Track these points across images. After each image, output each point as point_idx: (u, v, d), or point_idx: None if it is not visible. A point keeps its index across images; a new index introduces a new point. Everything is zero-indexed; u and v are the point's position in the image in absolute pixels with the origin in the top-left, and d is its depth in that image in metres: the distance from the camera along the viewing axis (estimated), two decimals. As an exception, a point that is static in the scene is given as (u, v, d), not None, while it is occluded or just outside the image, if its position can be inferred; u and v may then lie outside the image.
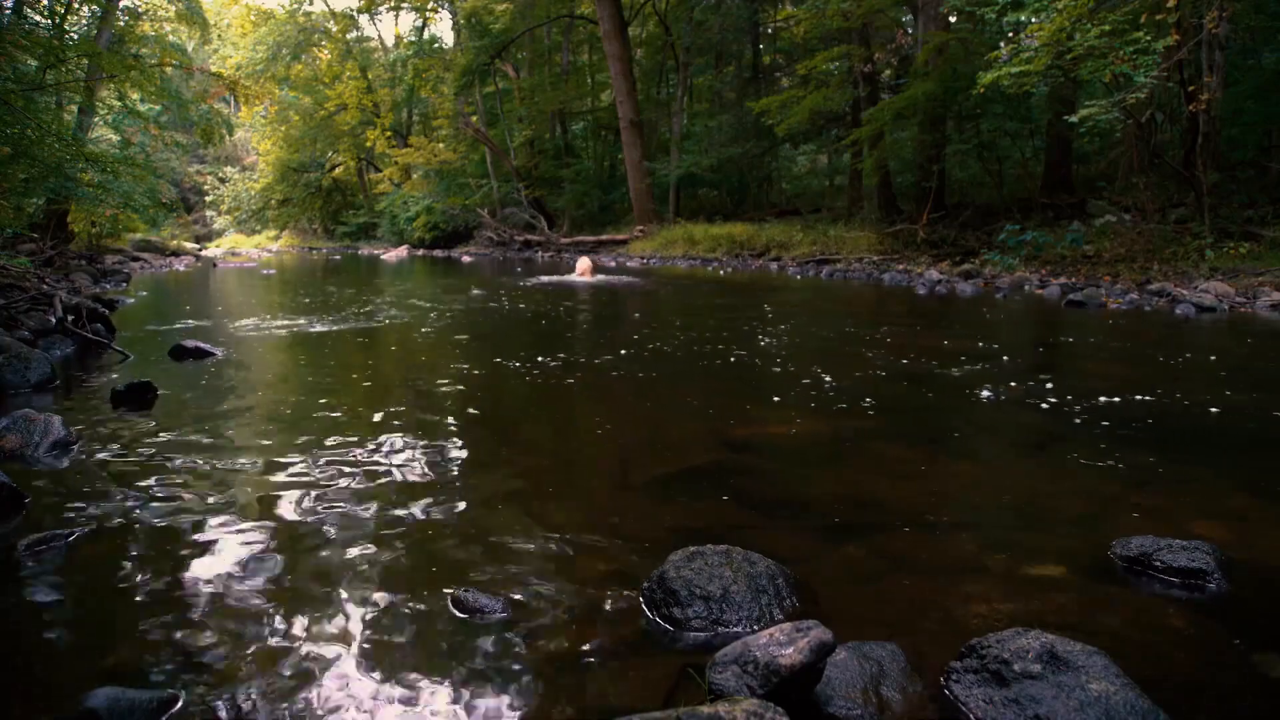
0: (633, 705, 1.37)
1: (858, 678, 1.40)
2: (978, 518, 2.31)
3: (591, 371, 4.66)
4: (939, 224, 13.93)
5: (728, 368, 4.59)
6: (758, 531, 2.16)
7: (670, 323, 6.81)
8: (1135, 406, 3.49)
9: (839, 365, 4.70)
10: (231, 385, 4.28)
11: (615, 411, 3.82)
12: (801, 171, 25.91)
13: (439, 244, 30.29)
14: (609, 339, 5.96)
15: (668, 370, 4.54)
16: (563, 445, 3.25)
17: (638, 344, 5.59)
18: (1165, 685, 1.40)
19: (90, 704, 1.30)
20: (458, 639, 1.61)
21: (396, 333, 6.59)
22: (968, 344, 5.43)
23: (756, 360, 4.86)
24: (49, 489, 2.51)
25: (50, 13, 13.81)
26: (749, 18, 22.22)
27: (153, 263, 19.90)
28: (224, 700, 1.41)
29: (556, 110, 28.32)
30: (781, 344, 5.56)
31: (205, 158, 46.86)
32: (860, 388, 4.11)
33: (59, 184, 12.25)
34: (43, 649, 1.59)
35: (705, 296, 9.79)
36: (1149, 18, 8.95)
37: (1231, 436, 3.08)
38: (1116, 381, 4.02)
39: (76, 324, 5.68)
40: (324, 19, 38.36)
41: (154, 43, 18.96)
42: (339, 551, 2.04)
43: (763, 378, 4.39)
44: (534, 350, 5.61)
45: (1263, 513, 2.32)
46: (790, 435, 3.24)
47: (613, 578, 1.88)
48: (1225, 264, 9.08)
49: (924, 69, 13.89)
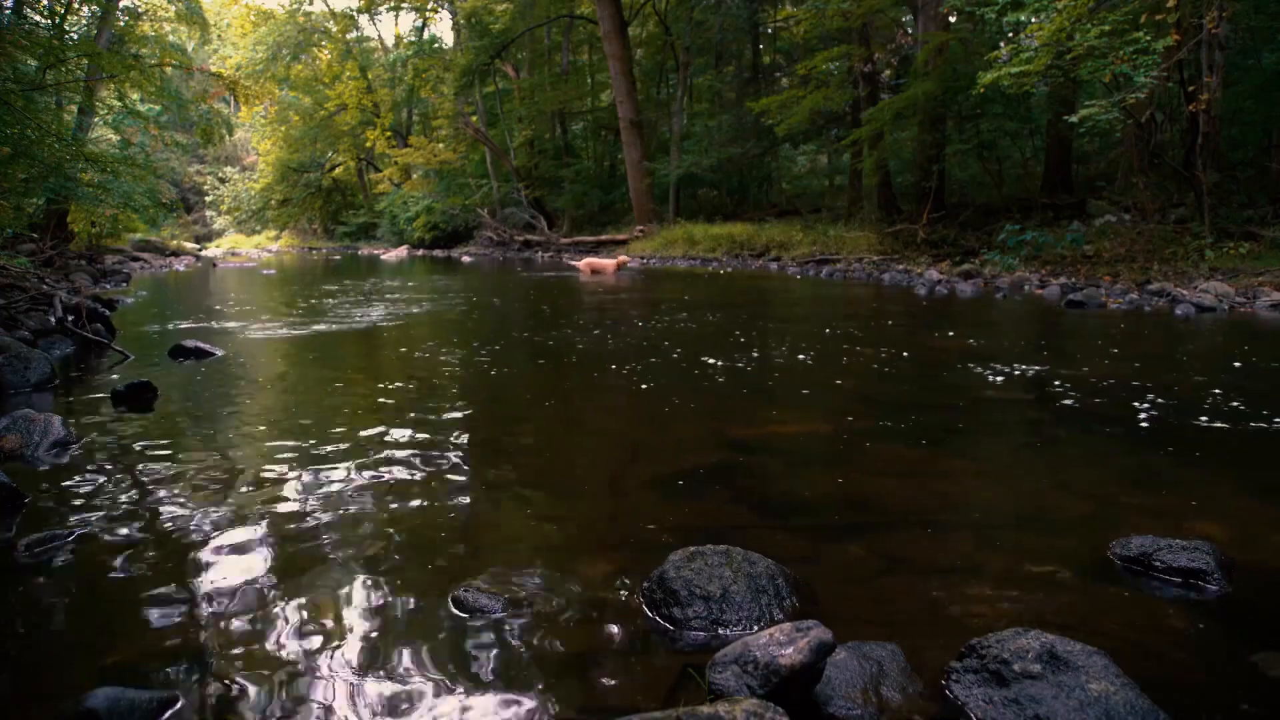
0: (633, 705, 1.37)
1: (858, 678, 1.40)
2: (978, 518, 2.31)
3: (590, 371, 4.66)
4: (939, 224, 13.93)
5: (727, 368, 4.59)
6: (758, 531, 2.16)
7: (670, 322, 6.81)
8: (1135, 407, 3.49)
9: (839, 365, 4.70)
10: (231, 385, 4.28)
11: (615, 411, 3.82)
12: (801, 171, 25.90)
13: (439, 244, 30.29)
14: (607, 339, 5.96)
15: (667, 370, 4.54)
16: (562, 445, 3.25)
17: (638, 344, 5.59)
18: (1165, 685, 1.40)
19: (90, 704, 1.30)
20: (458, 639, 1.61)
21: (396, 332, 6.59)
22: (967, 344, 5.43)
23: (756, 360, 4.86)
24: (49, 489, 2.51)
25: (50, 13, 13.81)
26: (749, 18, 22.21)
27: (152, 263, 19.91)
28: (224, 700, 1.41)
29: (556, 110, 28.31)
30: (781, 344, 5.56)
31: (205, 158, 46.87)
32: (860, 388, 4.11)
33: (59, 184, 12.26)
34: (43, 649, 1.59)
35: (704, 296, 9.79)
36: (1149, 18, 8.95)
37: (1231, 436, 3.08)
38: (1116, 381, 4.02)
39: (76, 324, 5.68)
40: (324, 19, 38.36)
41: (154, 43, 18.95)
42: (339, 551, 2.04)
43: (762, 378, 4.39)
44: (533, 349, 5.61)
45: (1263, 513, 2.32)
46: (790, 435, 3.24)
47: (613, 578, 1.88)
48: (1225, 264, 9.08)
49: (924, 69, 13.89)
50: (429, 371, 4.68)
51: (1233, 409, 3.43)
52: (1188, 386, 3.90)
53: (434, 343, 5.96)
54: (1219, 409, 3.44)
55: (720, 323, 6.81)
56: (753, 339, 5.78)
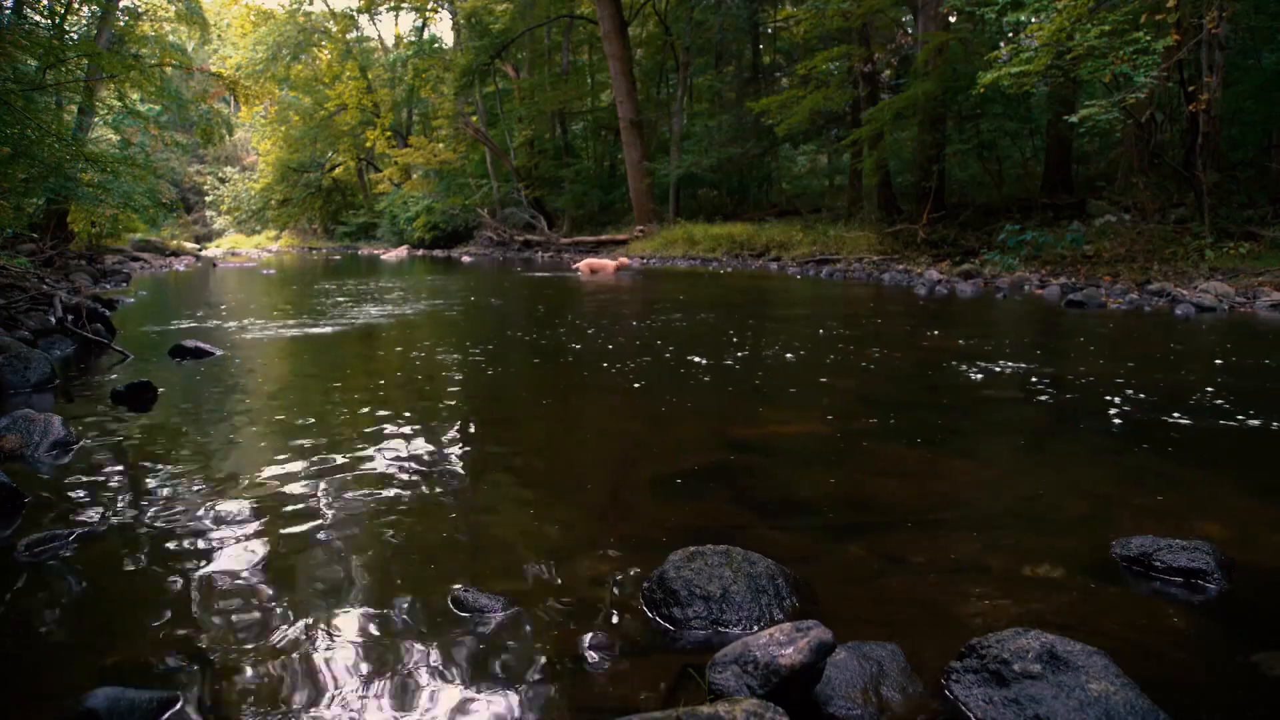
0: (633, 705, 1.37)
1: (858, 678, 1.40)
2: (978, 518, 2.31)
3: (590, 371, 4.66)
4: (939, 224, 13.93)
5: (727, 367, 4.59)
6: (758, 531, 2.16)
7: (670, 322, 6.81)
8: (1135, 406, 3.49)
9: (839, 365, 4.70)
10: (231, 385, 4.28)
11: (614, 411, 3.82)
12: (801, 171, 25.90)
13: (439, 244, 30.29)
14: (608, 339, 5.96)
15: (667, 370, 4.53)
16: (562, 444, 3.25)
17: (637, 343, 5.59)
18: (1165, 685, 1.40)
19: (90, 704, 1.30)
20: (458, 638, 1.61)
21: (396, 332, 6.59)
22: (967, 344, 5.43)
23: (756, 360, 4.86)
24: (49, 489, 2.51)
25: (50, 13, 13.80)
26: (749, 18, 22.22)
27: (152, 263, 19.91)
28: (224, 700, 1.41)
29: (556, 110, 28.31)
30: (781, 344, 5.56)
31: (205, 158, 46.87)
32: (860, 388, 4.11)
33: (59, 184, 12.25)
34: (43, 649, 1.59)
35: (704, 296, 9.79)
36: (1149, 18, 8.95)
37: (1231, 436, 3.08)
38: (1116, 381, 4.02)
39: (76, 324, 5.68)
40: (324, 19, 38.37)
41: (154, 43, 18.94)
42: (339, 551, 2.04)
43: (762, 378, 4.39)
44: (532, 349, 5.61)
45: (1263, 513, 2.32)
46: (790, 435, 3.24)
47: (613, 578, 1.88)
48: (1225, 264, 9.08)
49: (924, 69, 13.90)
50: (428, 371, 4.68)
51: (1232, 409, 3.43)
52: (1187, 386, 3.90)
53: (433, 343, 5.96)
54: (1219, 409, 3.44)
55: (720, 323, 6.81)
56: (752, 339, 5.78)
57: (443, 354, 5.33)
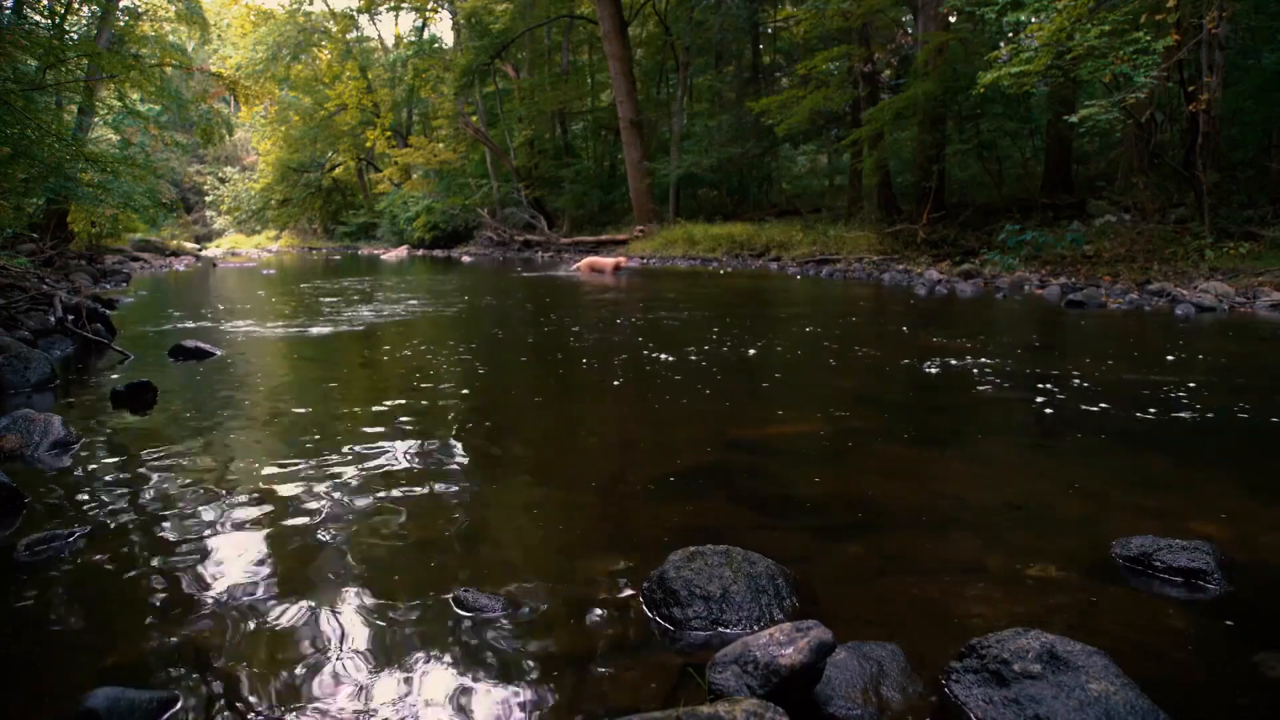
0: (633, 705, 1.37)
1: (858, 678, 1.40)
2: (978, 518, 2.31)
3: (589, 371, 4.66)
4: (939, 224, 13.93)
5: (727, 367, 4.59)
6: (758, 531, 2.16)
7: (669, 322, 6.82)
8: (1135, 406, 3.49)
9: (839, 365, 4.70)
10: (231, 385, 4.28)
11: (614, 411, 3.82)
12: (801, 171, 25.90)
13: (439, 244, 30.28)
14: (607, 339, 5.96)
15: (667, 370, 4.53)
16: (562, 444, 3.25)
17: (637, 343, 5.59)
18: (1165, 685, 1.40)
19: (90, 704, 1.30)
20: (458, 638, 1.61)
21: (395, 332, 6.59)
22: (967, 344, 5.43)
23: (756, 360, 4.86)
24: (49, 489, 2.51)
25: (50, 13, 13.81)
26: (749, 17, 22.21)
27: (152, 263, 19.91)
28: (224, 700, 1.41)
29: (556, 110, 28.30)
30: (781, 344, 5.56)
31: (205, 158, 46.86)
32: (860, 388, 4.11)
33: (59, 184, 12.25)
34: (43, 649, 1.59)
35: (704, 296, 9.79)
36: (1149, 18, 8.95)
37: (1231, 436, 3.08)
38: (1116, 381, 4.02)
39: (76, 324, 5.68)
40: (324, 19, 38.34)
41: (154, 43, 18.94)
42: (339, 551, 2.04)
43: (762, 378, 4.39)
44: (532, 349, 5.61)
45: (1263, 513, 2.32)
46: (790, 435, 3.24)
47: (613, 578, 1.88)
48: (1225, 264, 9.08)
49: (924, 69, 13.89)
50: (428, 371, 4.68)
51: (1232, 409, 3.43)
52: (1187, 386, 3.90)
53: (432, 343, 5.96)
54: (1219, 409, 3.43)
55: (720, 323, 6.81)
56: (752, 339, 5.77)
57: (442, 354, 5.33)
